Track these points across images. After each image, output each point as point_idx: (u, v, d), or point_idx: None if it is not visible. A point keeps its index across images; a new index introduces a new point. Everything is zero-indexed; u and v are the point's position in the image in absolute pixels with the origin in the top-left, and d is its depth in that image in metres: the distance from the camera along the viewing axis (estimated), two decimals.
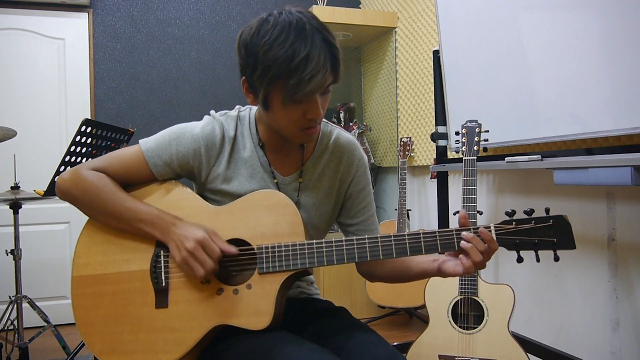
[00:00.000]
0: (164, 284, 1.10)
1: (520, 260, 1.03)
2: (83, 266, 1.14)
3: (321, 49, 0.99)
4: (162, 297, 1.10)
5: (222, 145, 1.17)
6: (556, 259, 1.00)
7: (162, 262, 1.11)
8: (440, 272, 1.10)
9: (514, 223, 1.01)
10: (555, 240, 0.99)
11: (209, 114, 1.21)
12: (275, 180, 1.19)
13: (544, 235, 0.99)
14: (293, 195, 1.20)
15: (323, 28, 1.02)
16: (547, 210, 1.01)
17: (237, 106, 1.24)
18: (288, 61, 0.97)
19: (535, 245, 1.00)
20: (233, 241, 1.10)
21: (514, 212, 1.03)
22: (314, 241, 1.07)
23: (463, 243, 1.01)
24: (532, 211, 1.02)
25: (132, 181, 1.17)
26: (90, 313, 1.12)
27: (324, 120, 1.26)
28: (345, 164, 1.24)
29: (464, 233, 1.02)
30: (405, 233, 1.04)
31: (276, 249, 1.07)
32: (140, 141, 1.17)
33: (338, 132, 1.27)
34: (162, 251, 1.12)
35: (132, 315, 1.10)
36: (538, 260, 1.01)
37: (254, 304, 1.06)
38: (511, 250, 1.02)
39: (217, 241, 1.06)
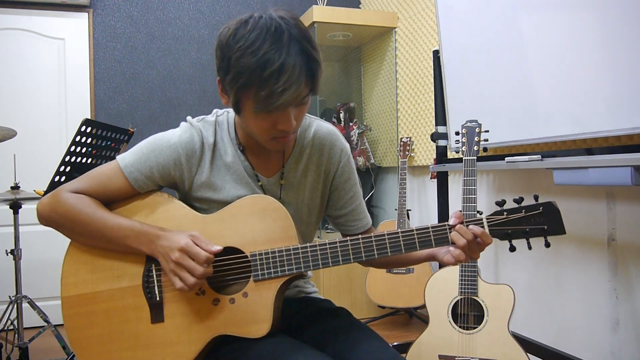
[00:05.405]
0: (158, 298, 1.08)
1: (512, 249, 1.04)
2: (72, 286, 1.10)
3: (297, 60, 0.94)
4: (157, 311, 1.07)
5: (202, 152, 1.13)
6: (547, 245, 1.01)
7: (155, 275, 1.08)
8: (432, 257, 1.12)
9: (504, 213, 1.02)
10: (545, 227, 1.00)
11: (185, 120, 1.17)
12: (260, 183, 1.17)
13: (535, 223, 1.01)
14: (277, 194, 1.19)
15: (303, 38, 0.96)
16: (536, 198, 1.02)
17: (215, 110, 1.21)
18: (260, 71, 0.92)
19: (526, 233, 1.02)
20: (225, 250, 1.08)
21: (504, 202, 1.04)
22: (308, 244, 1.05)
23: (454, 234, 1.01)
24: (521, 199, 1.02)
25: (114, 199, 1.13)
26: (84, 334, 1.09)
27: None
28: (327, 155, 1.22)
29: (457, 226, 1.02)
30: (399, 230, 1.03)
31: (270, 255, 1.05)
32: (117, 157, 1.13)
33: (317, 123, 1.23)
34: (153, 265, 1.09)
35: (128, 332, 1.07)
36: (530, 247, 1.03)
37: (252, 312, 1.05)
38: (503, 240, 1.03)
39: (201, 244, 1.02)
